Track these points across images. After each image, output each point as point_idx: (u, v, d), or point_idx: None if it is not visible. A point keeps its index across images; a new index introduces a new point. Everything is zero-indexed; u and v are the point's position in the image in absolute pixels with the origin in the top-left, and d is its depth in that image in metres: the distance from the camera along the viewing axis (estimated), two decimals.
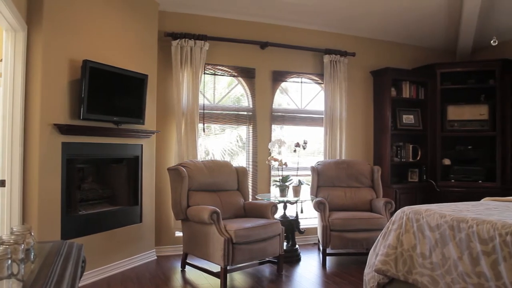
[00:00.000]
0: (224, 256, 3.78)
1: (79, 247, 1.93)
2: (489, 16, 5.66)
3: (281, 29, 5.70)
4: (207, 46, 5.12)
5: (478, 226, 2.54)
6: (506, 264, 2.31)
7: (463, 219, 2.67)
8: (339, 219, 4.65)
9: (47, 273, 1.45)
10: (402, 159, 6.21)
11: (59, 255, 1.73)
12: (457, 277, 2.59)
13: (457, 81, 6.20)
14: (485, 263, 2.42)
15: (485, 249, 2.45)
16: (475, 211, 2.90)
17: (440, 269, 2.73)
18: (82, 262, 1.84)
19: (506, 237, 2.35)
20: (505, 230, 2.37)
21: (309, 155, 6.04)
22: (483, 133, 6.04)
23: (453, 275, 2.63)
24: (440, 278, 2.72)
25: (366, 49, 6.26)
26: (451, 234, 2.70)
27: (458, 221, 2.68)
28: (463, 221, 2.65)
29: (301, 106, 5.95)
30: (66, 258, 1.70)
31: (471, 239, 2.55)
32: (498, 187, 5.80)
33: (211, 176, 4.55)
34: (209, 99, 5.45)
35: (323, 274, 4.40)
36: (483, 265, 2.44)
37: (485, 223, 2.52)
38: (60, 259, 1.67)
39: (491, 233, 2.44)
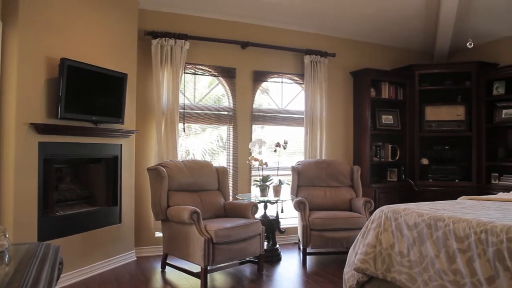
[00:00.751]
0: (204, 256, 3.77)
1: (56, 248, 1.90)
2: (465, 19, 5.77)
3: (262, 29, 5.71)
4: (188, 45, 5.09)
5: (454, 225, 2.58)
6: (480, 261, 2.36)
7: (440, 218, 2.71)
8: (319, 219, 4.68)
9: (22, 276, 1.42)
10: (381, 159, 6.28)
11: (35, 257, 1.69)
12: (434, 275, 2.63)
13: (435, 82, 6.31)
14: (461, 261, 2.47)
15: (461, 246, 2.50)
16: (452, 210, 2.95)
17: (418, 267, 2.77)
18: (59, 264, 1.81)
19: (480, 235, 2.40)
20: (480, 228, 2.42)
21: (290, 155, 6.06)
22: (459, 133, 6.15)
23: (430, 272, 2.67)
24: (417, 276, 2.76)
25: (346, 50, 6.31)
26: (429, 232, 2.74)
27: (435, 219, 2.73)
28: (440, 219, 2.70)
29: (281, 106, 5.97)
30: (42, 260, 1.67)
31: (448, 237, 2.60)
32: (474, 186, 5.92)
33: (191, 176, 4.53)
34: (189, 98, 5.42)
35: (304, 273, 4.42)
36: (459, 263, 2.49)
37: (461, 221, 2.57)
38: (36, 261, 1.63)
39: (466, 231, 2.49)
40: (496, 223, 2.41)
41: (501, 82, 5.91)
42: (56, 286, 1.68)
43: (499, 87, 5.92)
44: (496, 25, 5.89)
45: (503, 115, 5.85)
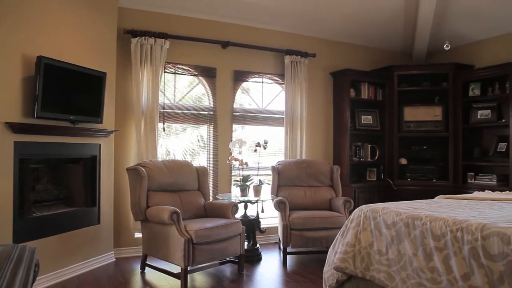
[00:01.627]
0: (184, 257, 3.75)
1: (31, 250, 1.86)
2: (443, 22, 5.89)
3: (243, 29, 5.70)
4: (168, 45, 5.05)
5: (431, 223, 2.63)
6: (456, 259, 2.40)
7: (417, 217, 2.75)
8: (299, 218, 4.70)
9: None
10: (361, 158, 6.35)
11: (10, 259, 1.66)
12: (412, 273, 2.67)
13: (413, 83, 6.41)
14: (438, 258, 2.51)
15: (437, 245, 2.54)
16: (429, 209, 3.00)
17: (396, 265, 2.81)
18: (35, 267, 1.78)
19: (456, 233, 2.44)
20: (456, 226, 2.47)
21: (270, 155, 6.08)
22: (437, 133, 6.26)
23: (408, 270, 2.71)
24: (396, 274, 2.80)
25: (326, 51, 6.35)
26: (406, 231, 2.78)
27: (413, 218, 2.77)
28: (418, 218, 2.74)
29: (262, 106, 5.97)
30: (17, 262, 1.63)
31: (425, 235, 2.64)
32: (451, 185, 6.03)
33: (171, 176, 4.50)
34: (169, 98, 5.38)
35: (284, 273, 4.44)
36: (436, 260, 2.53)
37: (438, 220, 2.61)
38: (10, 263, 1.60)
39: (443, 229, 2.53)
40: (471, 221, 2.45)
41: (477, 83, 6.03)
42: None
43: (474, 89, 6.05)
44: (471, 28, 6.01)
45: (478, 116, 5.98)
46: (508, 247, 2.17)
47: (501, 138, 5.80)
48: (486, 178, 5.78)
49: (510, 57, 5.70)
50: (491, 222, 2.40)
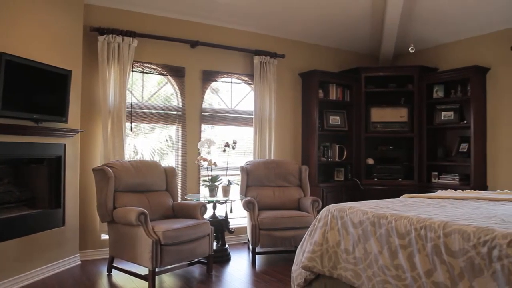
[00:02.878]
0: (152, 258, 3.70)
1: None
2: (408, 26, 6.03)
3: (212, 29, 5.68)
4: (136, 43, 4.98)
5: (396, 222, 2.68)
6: (420, 256, 2.46)
7: (383, 216, 2.81)
8: (268, 218, 4.72)
9: None
10: (329, 158, 6.42)
11: None
12: (378, 270, 2.72)
13: (380, 85, 6.54)
14: (402, 256, 2.57)
15: (402, 243, 2.60)
16: (394, 208, 3.06)
17: (362, 263, 2.85)
18: None
19: (420, 231, 2.50)
20: (420, 224, 2.53)
21: (240, 155, 6.08)
22: (402, 134, 6.40)
23: (374, 268, 2.76)
24: (362, 272, 2.84)
25: (295, 52, 6.40)
26: (372, 230, 2.83)
27: (379, 217, 2.82)
28: (383, 217, 2.79)
29: (231, 106, 5.97)
30: None
31: (390, 234, 2.69)
32: (416, 184, 6.18)
33: (138, 176, 4.44)
34: (137, 97, 5.31)
35: (253, 273, 4.45)
36: (400, 258, 2.59)
37: (403, 218, 2.67)
38: None
39: (407, 227, 2.59)
40: (434, 219, 2.52)
41: (441, 86, 6.21)
42: None
43: (438, 91, 6.22)
44: (436, 32, 6.19)
45: (442, 117, 6.16)
46: (468, 243, 2.24)
47: (463, 139, 5.99)
48: (449, 177, 5.95)
49: (472, 60, 5.89)
50: (453, 220, 2.47)
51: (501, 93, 5.68)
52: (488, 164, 5.81)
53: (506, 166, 5.59)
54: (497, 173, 5.71)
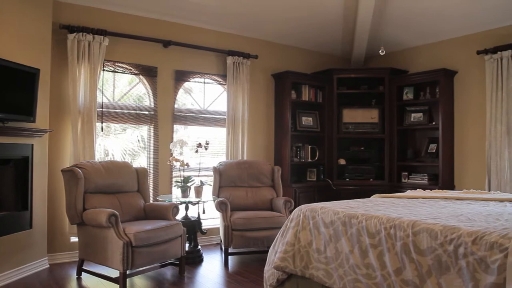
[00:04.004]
0: (123, 261, 3.65)
1: None
2: (379, 29, 6.14)
3: (185, 29, 5.64)
4: (107, 42, 4.90)
5: (367, 221, 2.72)
6: (390, 255, 2.51)
7: (354, 215, 2.85)
8: (240, 219, 4.72)
9: None
10: (301, 159, 6.47)
11: None
12: (349, 269, 2.76)
13: (352, 86, 6.63)
14: (373, 255, 2.61)
15: (372, 242, 2.64)
16: (365, 208, 3.11)
17: (334, 262, 2.88)
18: None
19: (390, 230, 2.55)
20: (390, 224, 2.58)
21: (213, 156, 6.05)
22: (374, 135, 6.51)
23: (345, 267, 2.79)
24: (333, 271, 2.87)
25: (269, 52, 6.42)
26: (343, 229, 2.87)
27: (350, 217, 2.86)
28: (354, 217, 2.83)
29: (204, 106, 5.94)
30: None
31: (361, 233, 2.73)
32: (386, 184, 6.29)
33: (109, 177, 4.37)
34: (108, 97, 5.22)
35: (225, 274, 4.44)
36: (371, 257, 2.63)
37: (373, 218, 2.71)
38: None
39: (378, 227, 2.64)
40: (403, 218, 2.57)
41: (410, 88, 6.35)
42: None
43: (408, 93, 6.36)
44: (406, 35, 6.32)
45: (411, 119, 6.29)
46: (435, 242, 2.29)
47: (431, 140, 6.14)
48: (418, 177, 6.09)
49: (440, 63, 6.05)
50: (421, 219, 2.53)
51: (468, 95, 5.85)
52: (455, 164, 5.97)
53: (472, 166, 5.76)
54: (463, 173, 5.87)
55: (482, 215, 2.75)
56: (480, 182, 5.58)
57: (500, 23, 5.47)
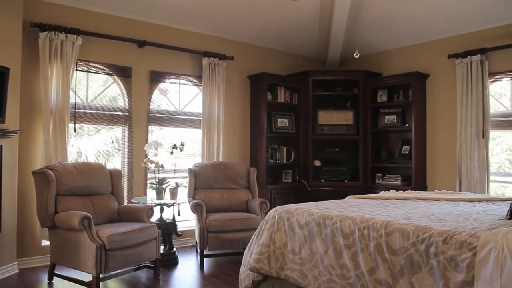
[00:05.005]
0: (96, 264, 3.59)
1: None
2: (354, 32, 6.22)
3: (160, 29, 5.59)
4: (80, 41, 4.81)
5: (341, 222, 2.75)
6: (363, 255, 2.55)
7: (328, 216, 2.87)
8: (216, 221, 4.70)
9: None
10: (277, 160, 6.49)
11: None
12: (323, 270, 2.78)
13: (327, 88, 6.69)
14: (347, 255, 2.64)
15: (346, 242, 2.67)
16: (339, 209, 3.14)
17: (309, 263, 2.91)
18: None
19: (363, 231, 2.58)
20: (363, 224, 2.61)
21: (189, 157, 6.02)
22: (348, 136, 6.58)
23: (319, 268, 2.81)
24: (308, 272, 2.89)
25: (244, 54, 6.43)
26: (318, 230, 2.89)
27: (324, 218, 2.89)
28: (328, 218, 2.86)
29: (179, 107, 5.90)
30: None
31: (335, 234, 2.76)
32: (361, 185, 6.37)
33: (82, 179, 4.29)
34: (81, 97, 5.13)
35: (201, 276, 4.41)
36: (345, 257, 2.66)
37: (347, 219, 2.74)
38: None
39: (351, 227, 2.67)
40: (377, 219, 2.61)
41: (384, 90, 6.45)
42: None
43: (382, 95, 6.46)
44: (380, 39, 6.42)
45: (385, 121, 6.39)
46: (407, 242, 2.34)
47: (405, 142, 6.25)
48: (392, 178, 6.19)
49: (413, 67, 6.16)
50: (394, 220, 2.57)
51: (439, 98, 5.98)
52: (427, 165, 6.10)
53: (444, 167, 5.89)
54: (435, 174, 6.00)
55: (453, 215, 2.82)
56: (451, 182, 5.71)
57: (470, 29, 5.63)
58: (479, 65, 5.38)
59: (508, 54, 5.26)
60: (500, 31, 5.37)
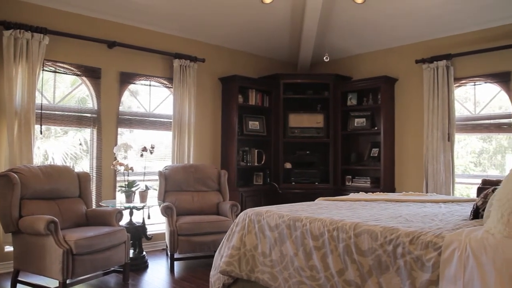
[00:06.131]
0: (63, 270, 3.50)
1: None
2: (325, 36, 6.30)
3: (131, 30, 5.52)
4: (47, 40, 4.70)
5: (310, 224, 2.78)
6: (333, 256, 2.57)
7: (298, 218, 2.89)
8: (186, 224, 4.67)
9: None
10: (248, 163, 6.49)
11: None
12: (293, 272, 2.80)
13: (298, 91, 6.74)
14: (316, 257, 2.66)
15: (316, 244, 2.69)
16: (309, 211, 3.17)
17: (279, 265, 2.92)
18: None
19: (333, 232, 2.61)
20: (333, 226, 2.64)
21: (160, 160, 5.95)
22: (319, 139, 6.65)
23: (290, 270, 2.83)
24: (279, 274, 2.90)
25: (216, 56, 6.41)
26: (288, 232, 2.90)
27: (294, 220, 2.90)
28: (298, 220, 2.88)
29: (149, 109, 5.83)
30: None
31: (305, 236, 2.78)
32: (331, 187, 6.44)
33: (48, 182, 4.18)
34: (48, 98, 5.01)
35: (171, 280, 4.37)
36: (315, 259, 2.68)
37: (317, 221, 2.77)
38: None
39: (321, 229, 2.69)
40: (346, 221, 2.65)
41: (354, 93, 6.55)
42: None
43: (352, 98, 6.56)
44: (350, 43, 6.53)
45: (355, 124, 6.49)
46: (376, 242, 2.38)
47: (374, 144, 6.37)
48: (362, 180, 6.29)
49: (382, 71, 6.29)
50: (363, 221, 2.61)
51: (407, 102, 6.12)
52: (396, 167, 6.22)
53: (411, 169, 6.02)
54: (403, 176, 6.13)
55: (419, 216, 2.88)
56: (419, 184, 5.84)
57: (436, 35, 5.79)
58: (445, 70, 5.54)
59: (472, 60, 5.44)
60: (464, 37, 5.55)
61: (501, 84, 5.25)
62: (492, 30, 5.31)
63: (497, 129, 5.40)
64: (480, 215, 2.61)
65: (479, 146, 6.03)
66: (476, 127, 5.55)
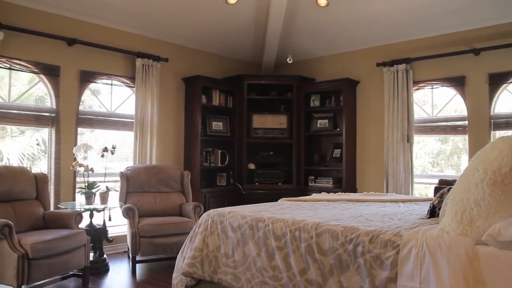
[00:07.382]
0: (17, 275, 3.37)
1: None
2: (288, 38, 6.36)
3: (92, 27, 5.39)
4: (2, 36, 4.52)
5: (273, 224, 2.79)
6: (295, 256, 2.60)
7: (260, 219, 2.90)
8: (148, 225, 4.60)
9: None
10: (211, 164, 6.47)
11: None
12: (256, 272, 2.81)
13: (262, 92, 6.77)
14: (279, 257, 2.68)
15: (278, 244, 2.71)
16: (272, 211, 3.18)
17: (242, 266, 2.92)
18: None
19: (295, 233, 2.64)
20: (295, 226, 2.67)
21: (121, 160, 5.83)
22: (282, 140, 6.70)
23: (252, 270, 2.84)
24: (241, 275, 2.90)
25: (179, 56, 6.35)
26: (251, 233, 2.91)
27: (257, 220, 2.91)
28: (261, 220, 2.89)
29: (111, 109, 5.71)
30: None
31: (268, 236, 2.80)
32: (294, 188, 6.50)
33: (3, 184, 4.01)
34: (3, 96, 4.82)
35: (133, 283, 4.30)
36: (277, 259, 2.70)
37: (279, 221, 2.79)
38: None
39: (283, 230, 2.71)
40: (308, 221, 2.68)
41: (317, 95, 6.64)
42: None
43: (315, 100, 6.65)
44: (313, 45, 6.62)
45: (318, 125, 6.58)
46: (336, 242, 2.42)
47: (336, 145, 6.47)
48: (324, 181, 6.38)
49: (344, 73, 6.40)
50: (324, 221, 2.65)
51: (368, 104, 6.26)
52: (357, 168, 6.35)
53: (372, 170, 6.16)
54: (365, 176, 6.26)
55: (379, 215, 2.95)
56: (379, 184, 5.98)
57: (397, 39, 5.95)
58: (404, 73, 5.70)
59: (430, 64, 5.62)
60: (423, 42, 5.73)
61: (457, 88, 5.46)
62: (449, 36, 5.51)
63: (453, 131, 5.61)
64: (437, 214, 2.70)
65: (436, 147, 6.25)
66: (434, 129, 5.74)
